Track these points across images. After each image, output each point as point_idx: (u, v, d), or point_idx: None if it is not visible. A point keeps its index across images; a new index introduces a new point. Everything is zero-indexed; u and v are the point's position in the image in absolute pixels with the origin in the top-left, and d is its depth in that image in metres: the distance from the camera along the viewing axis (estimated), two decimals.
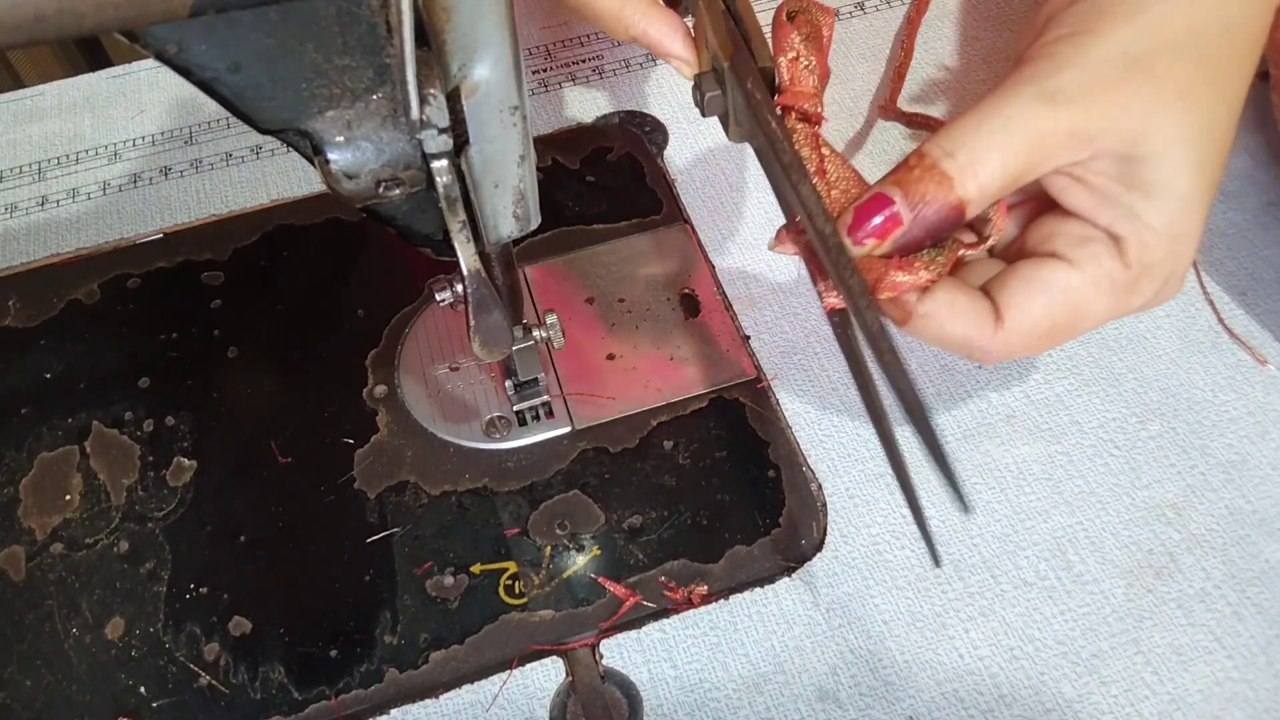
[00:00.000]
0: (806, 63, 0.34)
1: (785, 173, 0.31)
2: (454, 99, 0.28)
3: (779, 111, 0.34)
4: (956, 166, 0.32)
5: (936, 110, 0.57)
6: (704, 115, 0.36)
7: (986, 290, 0.34)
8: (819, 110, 0.34)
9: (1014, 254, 0.36)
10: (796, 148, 0.33)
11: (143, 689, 0.40)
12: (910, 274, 0.33)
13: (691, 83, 0.36)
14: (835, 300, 0.32)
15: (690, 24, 0.37)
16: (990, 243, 0.34)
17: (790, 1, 0.35)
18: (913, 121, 0.56)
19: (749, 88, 0.33)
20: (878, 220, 0.32)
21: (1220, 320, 0.48)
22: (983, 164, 0.32)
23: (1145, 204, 0.32)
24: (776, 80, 0.34)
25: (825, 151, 0.34)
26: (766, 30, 0.35)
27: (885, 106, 0.57)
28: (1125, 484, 0.44)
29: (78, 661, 0.41)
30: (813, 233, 0.31)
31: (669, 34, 0.37)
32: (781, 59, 0.34)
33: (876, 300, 0.33)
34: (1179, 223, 0.32)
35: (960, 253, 0.34)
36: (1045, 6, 0.37)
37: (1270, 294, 0.49)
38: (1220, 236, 0.51)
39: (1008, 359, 0.35)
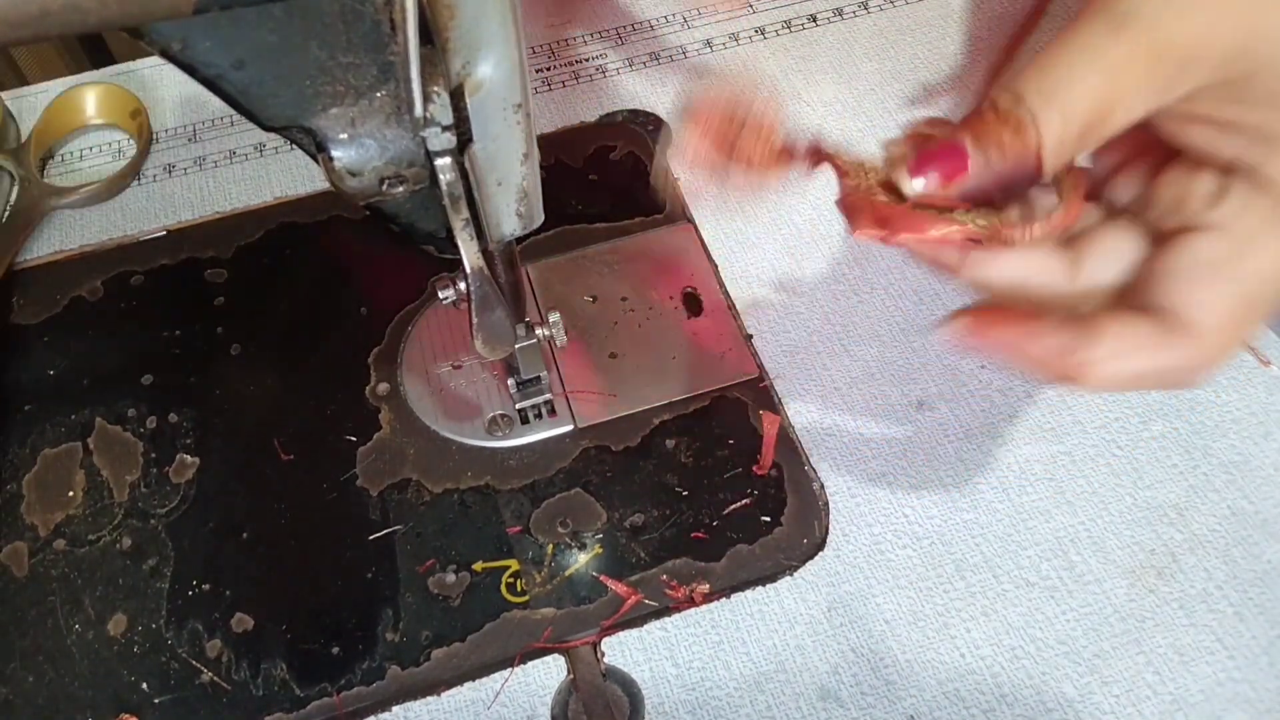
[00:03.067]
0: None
1: None
2: (457, 97, 0.28)
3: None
4: (1028, 111, 0.28)
5: (937, 112, 0.57)
6: None
7: (1138, 306, 0.30)
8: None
9: (1139, 222, 0.32)
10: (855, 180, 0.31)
11: (145, 685, 0.40)
12: (943, 226, 0.29)
13: None
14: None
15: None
16: (1051, 230, 0.30)
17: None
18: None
19: None
20: (943, 163, 0.29)
21: None
22: (1056, 107, 0.28)
23: (1276, 119, 0.28)
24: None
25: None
26: None
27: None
28: (1128, 484, 0.44)
29: (80, 657, 0.41)
30: None
31: None
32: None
33: (890, 240, 0.30)
34: None
35: (1013, 232, 0.30)
36: None
37: None
38: None
39: (1210, 368, 0.30)
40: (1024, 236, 0.30)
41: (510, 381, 0.46)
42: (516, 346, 0.42)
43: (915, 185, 0.29)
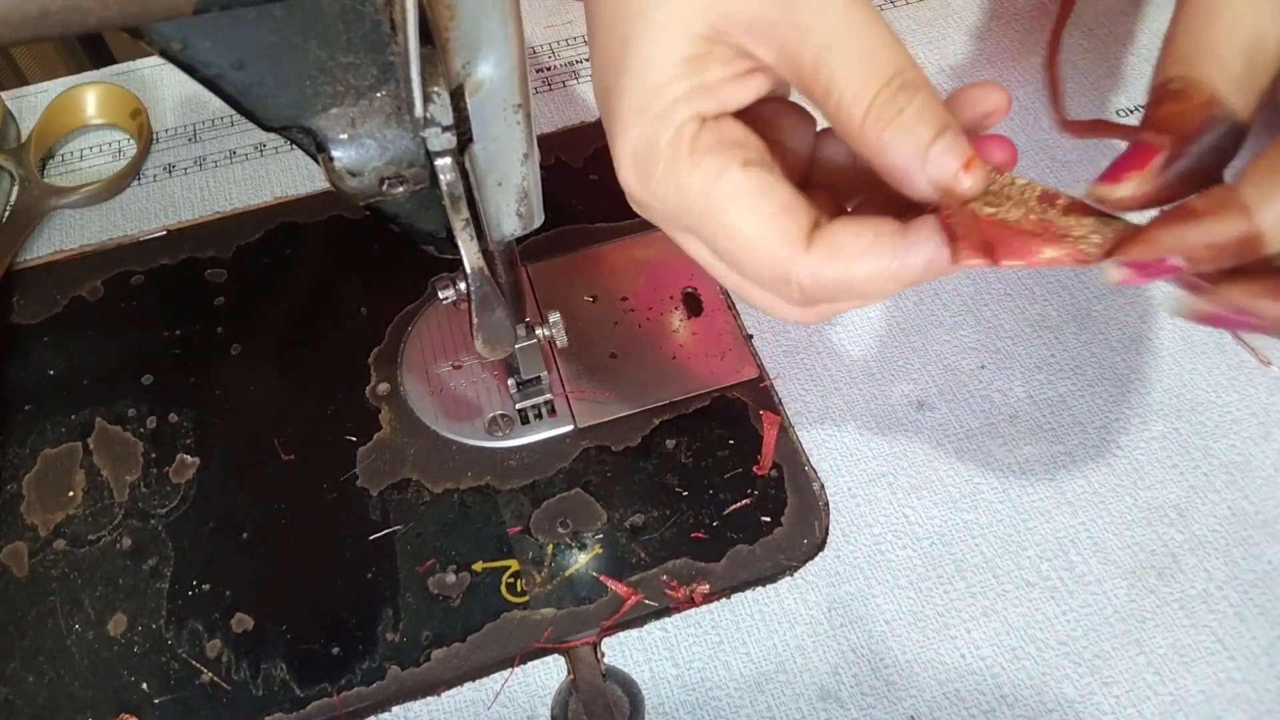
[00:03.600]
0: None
1: None
2: (458, 97, 0.28)
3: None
4: (1179, 80, 0.28)
5: None
6: None
7: None
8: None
9: None
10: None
11: (145, 685, 0.40)
12: (1052, 249, 0.27)
13: None
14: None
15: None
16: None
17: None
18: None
19: None
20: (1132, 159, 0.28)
21: None
22: (1207, 57, 0.27)
23: None
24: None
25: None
26: None
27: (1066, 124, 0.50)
28: (1128, 484, 0.44)
29: (80, 658, 0.41)
30: None
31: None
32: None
33: (994, 265, 0.28)
34: None
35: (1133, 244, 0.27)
36: None
37: None
38: None
39: None
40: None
41: (510, 381, 0.46)
42: (516, 346, 0.42)
43: (1120, 190, 0.28)
